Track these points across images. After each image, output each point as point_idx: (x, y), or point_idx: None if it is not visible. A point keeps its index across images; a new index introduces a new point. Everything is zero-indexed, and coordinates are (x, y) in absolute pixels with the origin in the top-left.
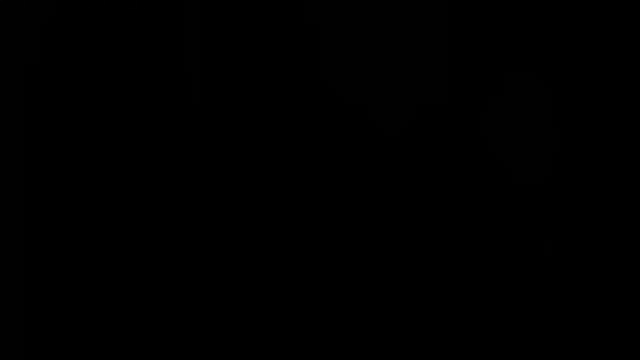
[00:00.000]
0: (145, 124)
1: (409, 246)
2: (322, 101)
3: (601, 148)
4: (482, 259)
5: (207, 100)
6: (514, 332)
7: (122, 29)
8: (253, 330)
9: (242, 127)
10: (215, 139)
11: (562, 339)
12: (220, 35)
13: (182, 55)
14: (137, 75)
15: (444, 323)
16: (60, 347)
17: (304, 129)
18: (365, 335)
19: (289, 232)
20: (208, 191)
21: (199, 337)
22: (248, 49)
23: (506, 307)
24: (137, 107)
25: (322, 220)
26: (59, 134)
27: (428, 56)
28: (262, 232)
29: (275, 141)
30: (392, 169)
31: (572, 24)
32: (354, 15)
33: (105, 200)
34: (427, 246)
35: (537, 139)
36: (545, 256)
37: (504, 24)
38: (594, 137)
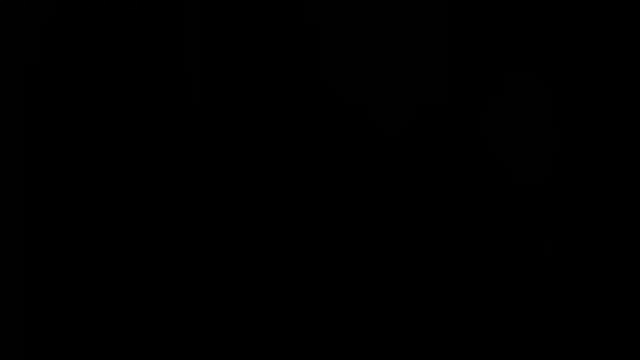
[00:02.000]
0: (145, 123)
1: (409, 246)
2: (322, 101)
3: (601, 148)
4: (482, 258)
5: (207, 100)
6: (514, 332)
7: (122, 29)
8: (253, 330)
9: (242, 127)
10: (215, 139)
11: (562, 338)
12: (220, 35)
13: (182, 55)
14: (137, 75)
15: (444, 323)
16: (61, 347)
17: (304, 129)
18: (366, 335)
19: (289, 232)
20: (208, 191)
21: (199, 337)
22: (248, 49)
23: (506, 307)
24: (137, 107)
25: (323, 220)
26: (59, 134)
27: (428, 56)
28: (262, 231)
29: (275, 141)
30: (392, 169)
31: (572, 24)
32: (354, 15)
33: (105, 200)
34: (427, 246)
35: (537, 139)
36: (545, 256)
37: (504, 24)
38: (594, 137)
